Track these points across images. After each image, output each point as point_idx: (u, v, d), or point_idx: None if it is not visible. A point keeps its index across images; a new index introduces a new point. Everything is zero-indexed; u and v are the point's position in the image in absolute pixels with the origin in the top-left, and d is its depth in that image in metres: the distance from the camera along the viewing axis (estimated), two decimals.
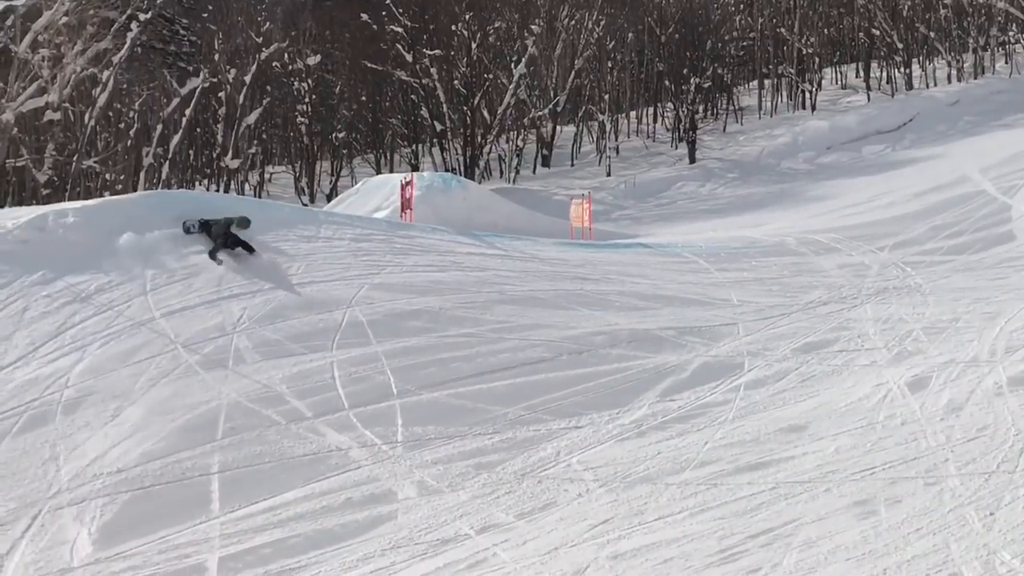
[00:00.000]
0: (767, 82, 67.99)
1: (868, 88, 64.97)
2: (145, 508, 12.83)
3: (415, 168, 56.61)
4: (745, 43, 71.13)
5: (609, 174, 55.46)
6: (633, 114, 66.97)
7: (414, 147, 61.72)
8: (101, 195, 39.91)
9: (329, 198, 52.62)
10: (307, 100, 58.14)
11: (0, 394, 14.93)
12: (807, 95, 65.37)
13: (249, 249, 19.98)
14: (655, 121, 65.48)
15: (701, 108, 61.91)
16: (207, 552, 12.06)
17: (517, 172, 57.08)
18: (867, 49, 68.19)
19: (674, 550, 10.94)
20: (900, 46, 64.98)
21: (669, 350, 18.34)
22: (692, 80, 59.53)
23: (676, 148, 59.73)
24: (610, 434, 15.05)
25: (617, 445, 14.65)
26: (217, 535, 12.38)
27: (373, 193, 38.55)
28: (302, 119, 58.47)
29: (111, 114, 48.74)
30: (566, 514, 12.48)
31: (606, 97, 62.00)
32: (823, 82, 68.89)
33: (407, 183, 33.21)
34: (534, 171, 58.47)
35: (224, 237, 19.97)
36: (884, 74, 66.72)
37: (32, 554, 11.94)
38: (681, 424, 15.33)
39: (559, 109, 59.98)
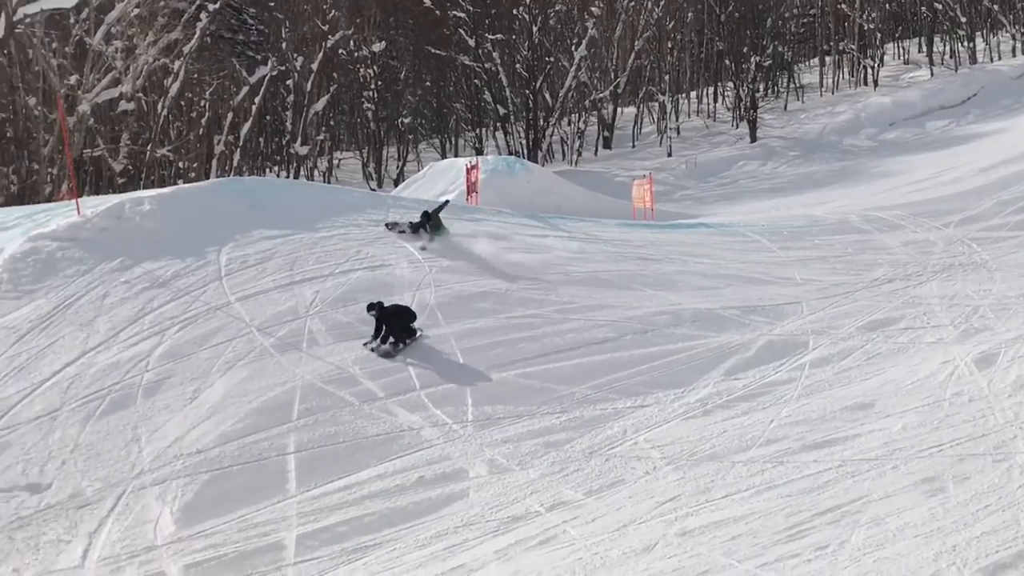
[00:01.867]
0: (828, 59, 67.23)
1: (931, 63, 64.10)
2: (224, 488, 13.17)
3: (479, 152, 56.79)
4: (805, 20, 70.31)
5: (670, 155, 55.30)
6: (693, 94, 66.64)
7: (478, 131, 62.00)
8: (175, 183, 40.68)
9: (396, 183, 53.02)
10: (373, 86, 58.56)
11: (83, 378, 15.33)
12: (869, 71, 64.66)
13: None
14: (715, 101, 65.06)
15: (762, 86, 61.50)
16: (285, 530, 12.39)
17: (579, 154, 57.06)
18: (930, 23, 67.23)
19: (742, 527, 11.05)
20: (963, 19, 64.02)
21: (733, 329, 18.41)
22: (752, 58, 59.12)
23: (737, 127, 59.36)
24: (676, 413, 15.18)
25: (683, 424, 14.79)
26: (294, 514, 12.70)
27: (439, 177, 38.90)
28: (368, 105, 58.92)
29: (183, 103, 49.50)
30: (634, 492, 12.64)
31: (666, 78, 61.82)
32: (885, 58, 68.05)
33: (472, 167, 33.48)
34: (596, 153, 58.43)
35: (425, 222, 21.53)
36: (947, 48, 65.79)
37: (118, 532, 12.33)
38: (746, 403, 15.42)
39: (620, 90, 59.82)
